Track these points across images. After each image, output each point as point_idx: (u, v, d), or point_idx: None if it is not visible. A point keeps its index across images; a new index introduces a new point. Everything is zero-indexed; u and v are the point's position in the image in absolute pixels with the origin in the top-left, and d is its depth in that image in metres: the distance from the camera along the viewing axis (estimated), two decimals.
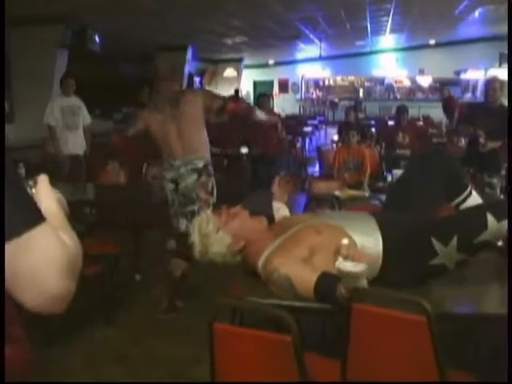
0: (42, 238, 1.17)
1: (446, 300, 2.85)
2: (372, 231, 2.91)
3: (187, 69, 16.21)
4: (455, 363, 2.63)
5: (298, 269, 2.66)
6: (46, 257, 1.17)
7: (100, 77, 14.30)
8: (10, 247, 1.12)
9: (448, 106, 13.95)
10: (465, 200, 3.36)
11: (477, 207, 3.11)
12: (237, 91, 17.79)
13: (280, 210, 3.44)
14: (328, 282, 2.55)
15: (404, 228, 2.96)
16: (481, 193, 6.54)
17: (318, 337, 2.96)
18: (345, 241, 2.52)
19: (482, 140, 7.23)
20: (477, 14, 14.03)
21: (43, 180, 1.36)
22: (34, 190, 1.33)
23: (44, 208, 1.24)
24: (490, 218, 2.77)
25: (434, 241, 2.80)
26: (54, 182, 1.37)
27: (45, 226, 1.18)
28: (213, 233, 2.97)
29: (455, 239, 2.79)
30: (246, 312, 2.82)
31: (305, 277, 2.61)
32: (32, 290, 1.17)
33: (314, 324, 3.06)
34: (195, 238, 2.99)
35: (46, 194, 1.34)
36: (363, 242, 2.84)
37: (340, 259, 2.47)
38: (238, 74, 21.28)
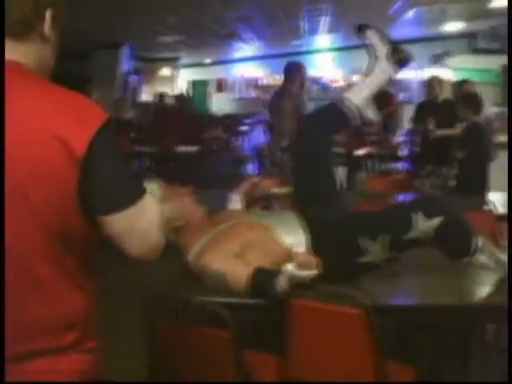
0: (149, 204, 1.62)
1: (380, 293, 2.89)
2: (299, 231, 2.94)
3: (123, 68, 16.05)
4: (398, 356, 2.68)
5: (230, 263, 2.66)
6: (153, 218, 1.62)
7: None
8: (128, 212, 1.56)
9: (381, 101, 14.06)
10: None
11: (407, 205, 3.17)
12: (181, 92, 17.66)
13: (236, 204, 3.45)
14: (265, 276, 2.56)
15: (333, 226, 3.00)
16: (443, 188, 6.67)
17: (257, 333, 2.96)
18: (299, 250, 2.55)
19: (430, 126, 7.40)
20: (410, 14, 14.24)
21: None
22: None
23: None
24: (419, 217, 2.81)
25: (362, 239, 2.84)
26: None
27: (148, 195, 1.63)
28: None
29: (383, 237, 2.83)
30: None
31: (237, 271, 2.62)
32: (141, 242, 1.62)
33: (252, 320, 3.05)
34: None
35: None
36: (294, 241, 2.87)
37: (290, 265, 2.49)
38: (174, 73, 21.15)
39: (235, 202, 3.41)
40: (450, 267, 3.21)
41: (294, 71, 7.92)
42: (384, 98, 13.94)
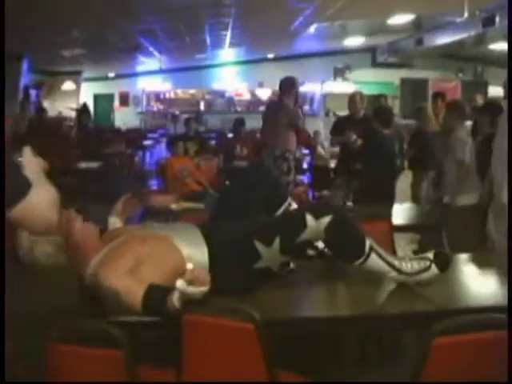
0: (37, 194, 1.89)
1: (275, 306, 2.92)
2: (198, 242, 2.94)
3: (23, 81, 15.70)
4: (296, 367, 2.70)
5: (124, 282, 2.61)
6: (45, 202, 1.93)
7: None
8: (22, 205, 1.85)
9: None
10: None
11: (297, 208, 3.21)
12: (84, 105, 17.35)
13: (116, 225, 3.38)
14: (157, 294, 2.54)
15: (228, 236, 3.01)
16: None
17: (155, 349, 2.94)
18: (190, 265, 2.53)
19: (354, 136, 7.52)
20: (312, 29, 14.49)
21: (27, 151, 2.04)
22: (20, 159, 2.00)
23: (31, 170, 1.98)
24: (309, 217, 2.86)
25: (256, 243, 2.86)
26: None
27: (34, 187, 1.89)
28: None
29: (277, 240, 2.86)
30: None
31: (131, 290, 2.57)
32: (39, 223, 1.96)
33: (152, 336, 3.03)
34: (21, 235, 2.87)
35: (29, 161, 2.01)
36: (190, 252, 2.87)
37: (182, 281, 2.47)
38: (77, 87, 20.82)
39: (113, 224, 3.35)
40: (345, 277, 3.27)
41: (290, 85, 7.99)
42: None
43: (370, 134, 7.21)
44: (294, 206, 3.53)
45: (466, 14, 11.52)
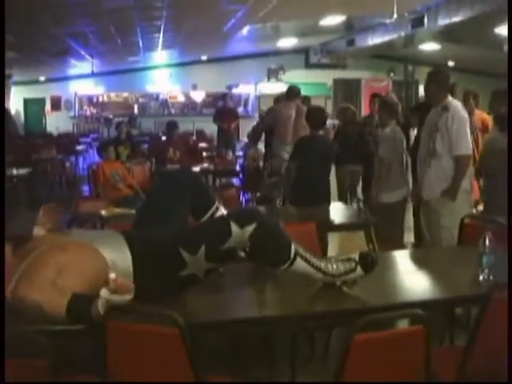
0: None
1: (203, 309, 2.93)
2: (121, 247, 2.92)
3: None
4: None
5: (46, 293, 2.57)
6: None
7: None
8: None
9: (224, 117, 14.22)
10: (213, 215, 3.48)
11: (222, 217, 3.22)
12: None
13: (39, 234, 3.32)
14: (80, 303, 2.52)
15: (152, 243, 3.00)
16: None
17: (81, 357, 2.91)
18: (112, 275, 2.52)
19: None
20: (245, 31, 14.53)
21: None
22: None
23: None
24: (233, 226, 2.88)
25: (182, 251, 2.86)
26: None
27: None
28: None
29: (203, 248, 2.86)
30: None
31: (55, 301, 2.54)
32: None
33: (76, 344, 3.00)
34: None
35: None
36: (114, 258, 2.85)
37: (106, 290, 2.46)
38: (6, 91, 20.44)
39: (37, 234, 3.26)
40: (272, 279, 3.30)
41: (297, 94, 8.41)
42: (227, 115, 14.16)
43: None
44: (223, 210, 3.54)
45: (395, 16, 11.71)
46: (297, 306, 3.05)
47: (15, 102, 21.05)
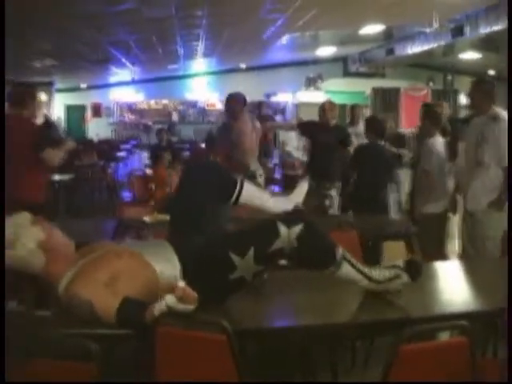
0: None
1: (247, 316, 2.95)
2: (170, 256, 2.96)
3: None
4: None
5: (99, 293, 2.64)
6: None
7: None
8: None
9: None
10: (240, 193, 3.51)
11: (269, 218, 3.25)
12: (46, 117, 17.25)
13: None
14: (131, 307, 2.56)
15: (201, 249, 3.03)
16: (320, 204, 6.82)
17: (129, 362, 2.95)
18: (181, 283, 2.56)
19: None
20: (284, 40, 14.55)
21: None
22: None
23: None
24: (281, 226, 2.90)
25: (231, 255, 2.89)
26: None
27: None
28: (28, 225, 2.89)
29: (251, 250, 2.89)
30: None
31: (106, 302, 2.60)
32: None
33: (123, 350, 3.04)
34: (7, 229, 2.87)
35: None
36: (162, 268, 2.89)
37: (171, 297, 2.50)
38: (49, 98, 20.72)
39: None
40: (316, 286, 3.31)
41: None
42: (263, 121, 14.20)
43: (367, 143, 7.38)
44: (249, 185, 3.59)
45: (435, 25, 11.64)
46: (339, 314, 3.06)
47: (57, 109, 21.31)
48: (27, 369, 2.36)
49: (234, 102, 7.87)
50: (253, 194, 3.60)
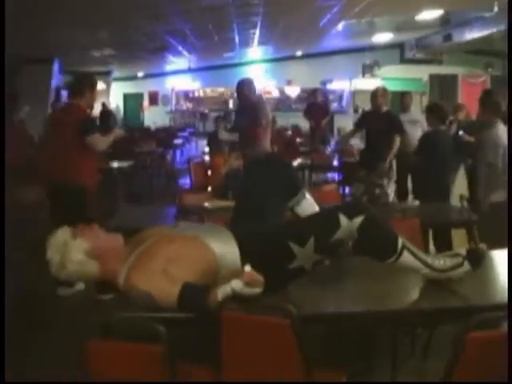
0: None
1: (309, 302, 2.95)
2: (229, 242, 2.97)
3: (54, 82, 15.87)
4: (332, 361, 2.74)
5: (157, 282, 2.66)
6: None
7: None
8: None
9: (311, 112, 14.17)
10: (299, 202, 3.52)
11: (329, 209, 3.24)
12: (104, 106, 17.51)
13: None
14: (193, 292, 2.59)
15: (260, 237, 3.04)
16: (371, 194, 6.80)
17: (188, 346, 2.99)
18: (248, 268, 2.59)
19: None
20: (340, 27, 14.47)
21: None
22: None
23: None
24: (342, 217, 2.90)
25: (291, 244, 2.90)
26: None
27: None
28: (70, 240, 2.91)
29: (312, 240, 2.89)
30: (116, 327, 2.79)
31: (165, 289, 2.62)
32: None
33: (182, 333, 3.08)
34: (51, 252, 2.91)
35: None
36: (222, 252, 2.90)
37: (237, 281, 2.52)
38: (107, 86, 21.01)
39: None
40: (377, 272, 3.29)
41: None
42: (316, 110, 14.13)
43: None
44: (309, 197, 3.59)
45: (495, 9, 11.42)
46: (400, 301, 3.05)
47: (115, 97, 21.61)
48: (93, 349, 2.40)
49: (244, 88, 7.89)
50: (308, 209, 3.59)
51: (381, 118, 8.02)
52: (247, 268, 2.59)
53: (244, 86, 8.01)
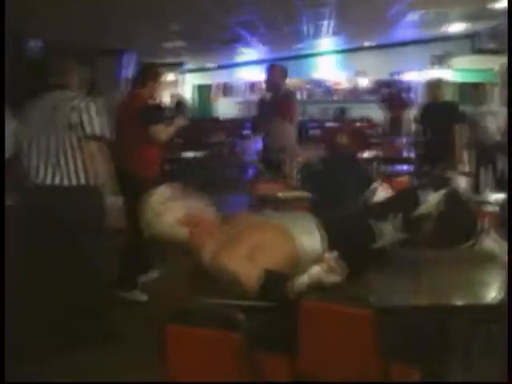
0: None
1: (385, 292, 2.95)
2: (312, 229, 3.01)
3: (126, 73, 16.10)
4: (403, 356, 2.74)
5: (243, 265, 2.74)
6: None
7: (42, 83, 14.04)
8: None
9: (389, 103, 14.04)
10: (374, 192, 3.53)
11: (411, 187, 3.26)
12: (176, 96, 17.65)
13: None
14: (273, 279, 2.65)
15: (344, 219, 3.08)
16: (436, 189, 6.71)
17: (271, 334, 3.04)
18: (331, 254, 2.63)
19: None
20: (410, 17, 14.30)
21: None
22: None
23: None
24: (423, 194, 2.92)
25: (373, 223, 2.92)
26: None
27: None
28: (169, 201, 3.01)
29: (394, 217, 2.91)
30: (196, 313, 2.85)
31: (250, 273, 2.70)
32: None
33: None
34: (147, 207, 3.01)
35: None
36: (304, 241, 2.94)
37: (320, 268, 2.56)
38: (178, 78, 21.22)
39: None
40: (457, 265, 3.25)
41: None
42: (395, 102, 13.98)
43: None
44: (382, 188, 3.60)
45: None
46: (477, 294, 3.01)
47: (186, 89, 21.80)
48: (171, 334, 2.45)
49: (274, 74, 7.29)
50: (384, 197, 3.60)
51: (440, 109, 7.94)
52: (328, 255, 2.62)
53: (276, 73, 7.54)
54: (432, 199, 2.91)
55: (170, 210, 3.01)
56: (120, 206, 4.64)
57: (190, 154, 9.89)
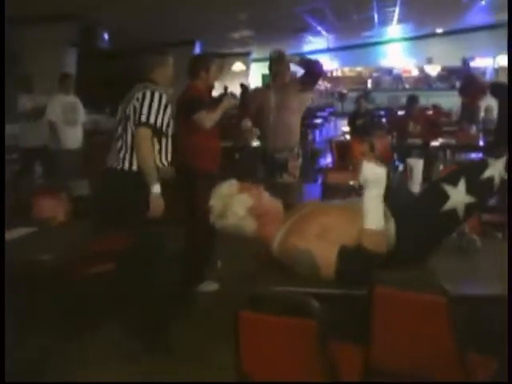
0: None
1: (455, 283, 2.88)
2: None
3: None
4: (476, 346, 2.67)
5: (315, 243, 2.75)
6: None
7: (109, 74, 14.30)
8: None
9: (466, 90, 13.71)
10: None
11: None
12: (243, 86, 17.74)
13: None
14: (350, 254, 2.66)
15: (409, 205, 3.10)
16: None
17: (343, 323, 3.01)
18: (366, 147, 2.68)
19: None
20: (484, 1, 14.02)
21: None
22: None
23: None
24: (489, 158, 2.97)
25: (444, 185, 2.93)
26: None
27: None
28: (236, 193, 3.03)
29: (463, 180, 2.92)
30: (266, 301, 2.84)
31: (324, 250, 2.72)
32: None
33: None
34: (215, 199, 3.04)
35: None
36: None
37: (364, 162, 2.62)
38: (246, 67, 21.30)
39: None
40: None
41: None
42: (471, 88, 13.63)
43: None
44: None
45: None
46: None
47: (254, 78, 21.86)
48: (244, 320, 2.45)
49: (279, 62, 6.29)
50: None
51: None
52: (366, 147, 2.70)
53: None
54: (496, 164, 2.93)
55: (237, 202, 3.03)
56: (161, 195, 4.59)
57: (258, 143, 9.87)
